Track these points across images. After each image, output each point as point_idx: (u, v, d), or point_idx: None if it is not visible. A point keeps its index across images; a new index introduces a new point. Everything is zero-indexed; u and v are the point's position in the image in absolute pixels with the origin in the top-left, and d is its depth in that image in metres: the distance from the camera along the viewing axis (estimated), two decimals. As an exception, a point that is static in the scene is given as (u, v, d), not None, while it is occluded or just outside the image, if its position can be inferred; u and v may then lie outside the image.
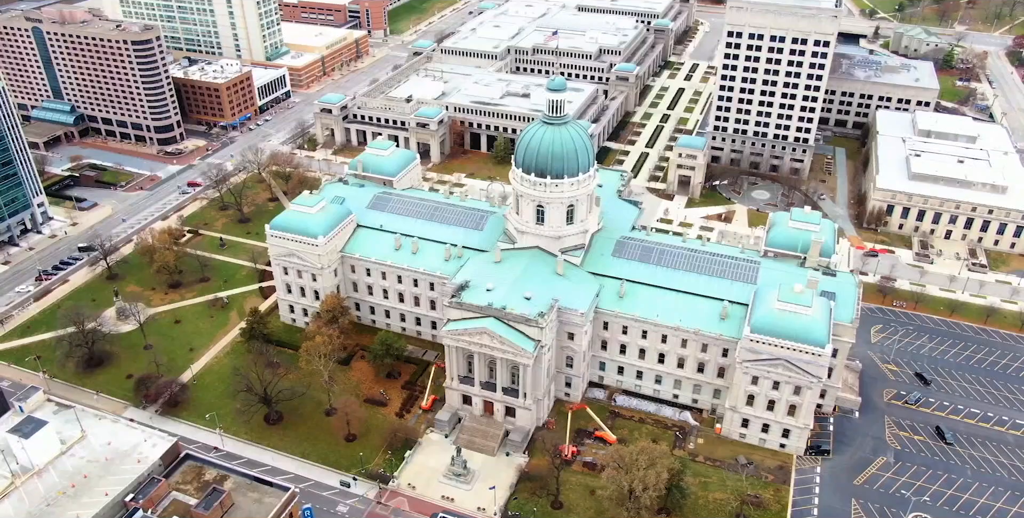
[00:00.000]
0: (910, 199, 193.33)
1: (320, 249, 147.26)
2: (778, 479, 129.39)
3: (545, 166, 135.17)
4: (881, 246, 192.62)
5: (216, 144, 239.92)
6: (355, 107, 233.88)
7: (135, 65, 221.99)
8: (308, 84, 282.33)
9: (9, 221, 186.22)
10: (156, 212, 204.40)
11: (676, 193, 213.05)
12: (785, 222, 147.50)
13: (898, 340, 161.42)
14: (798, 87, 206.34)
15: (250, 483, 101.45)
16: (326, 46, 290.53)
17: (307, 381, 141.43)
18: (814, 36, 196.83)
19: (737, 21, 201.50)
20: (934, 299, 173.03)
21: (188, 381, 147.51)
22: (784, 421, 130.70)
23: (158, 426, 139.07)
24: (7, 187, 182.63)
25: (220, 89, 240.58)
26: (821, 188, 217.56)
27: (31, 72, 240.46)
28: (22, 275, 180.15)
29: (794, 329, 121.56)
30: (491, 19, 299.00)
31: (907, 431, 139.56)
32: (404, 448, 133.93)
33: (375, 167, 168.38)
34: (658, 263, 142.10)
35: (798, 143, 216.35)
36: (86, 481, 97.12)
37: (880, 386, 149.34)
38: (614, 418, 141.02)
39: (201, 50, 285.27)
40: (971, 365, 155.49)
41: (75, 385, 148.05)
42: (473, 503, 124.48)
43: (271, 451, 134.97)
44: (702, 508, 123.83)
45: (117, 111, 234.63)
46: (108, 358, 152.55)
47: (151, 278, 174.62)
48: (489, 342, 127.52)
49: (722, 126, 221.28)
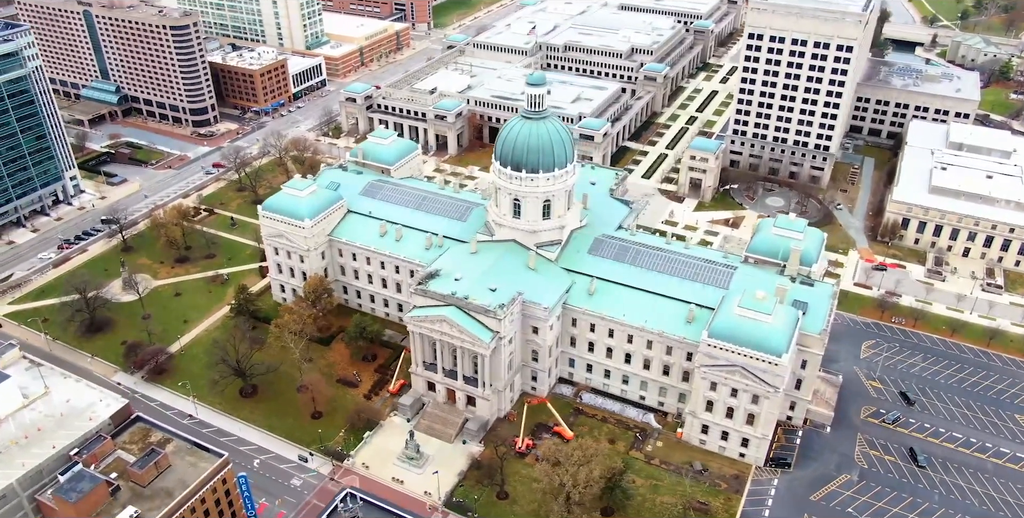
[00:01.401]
0: (927, 213, 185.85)
1: (306, 232, 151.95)
2: (732, 488, 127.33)
3: (521, 160, 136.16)
4: (892, 260, 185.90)
5: (247, 128, 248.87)
6: (380, 97, 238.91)
7: (173, 49, 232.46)
8: (345, 74, 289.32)
9: (41, 191, 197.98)
10: (179, 190, 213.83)
11: (687, 195, 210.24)
12: (769, 228, 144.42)
13: (889, 357, 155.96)
14: (819, 93, 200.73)
15: (190, 448, 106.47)
16: (365, 37, 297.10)
17: (282, 358, 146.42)
18: (837, 40, 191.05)
19: (758, 23, 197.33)
20: (937, 318, 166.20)
21: (176, 351, 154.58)
22: (743, 430, 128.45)
23: (142, 391, 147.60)
24: (40, 160, 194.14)
25: (254, 75, 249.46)
26: (840, 198, 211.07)
27: (82, 53, 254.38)
28: (47, 243, 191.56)
29: (752, 336, 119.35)
30: (528, 15, 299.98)
31: (878, 450, 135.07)
32: (366, 429, 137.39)
33: (374, 155, 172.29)
34: (632, 263, 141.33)
35: (818, 150, 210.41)
36: (39, 434, 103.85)
37: (859, 402, 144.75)
38: (577, 415, 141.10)
39: (246, 38, 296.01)
40: (963, 388, 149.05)
41: (74, 348, 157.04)
42: (421, 487, 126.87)
43: (240, 422, 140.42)
44: (647, 511, 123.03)
45: (156, 92, 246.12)
46: (107, 324, 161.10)
47: (161, 252, 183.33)
48: (449, 330, 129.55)
49: (741, 130, 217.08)
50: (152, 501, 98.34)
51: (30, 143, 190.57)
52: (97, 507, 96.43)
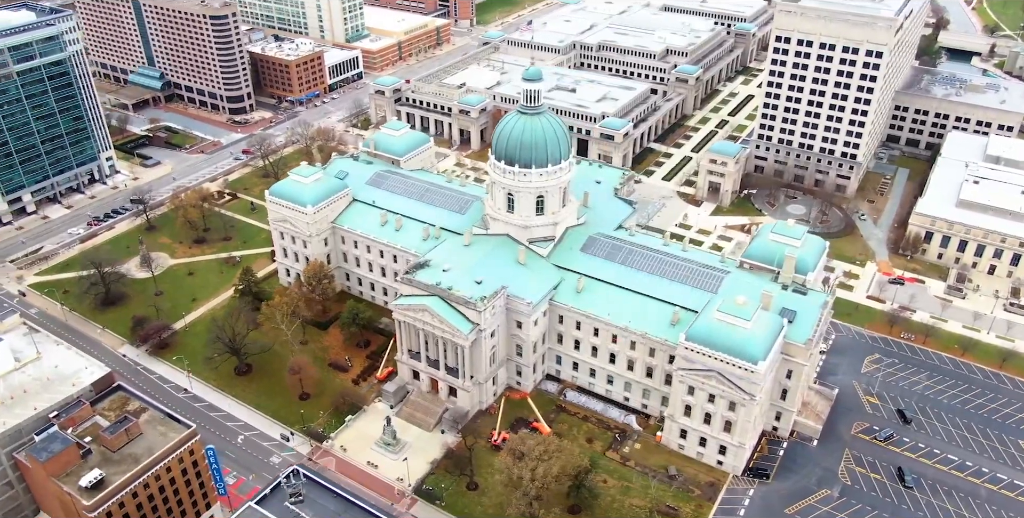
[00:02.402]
0: (951, 227, 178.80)
1: (308, 217, 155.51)
2: (705, 495, 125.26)
3: (514, 155, 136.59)
4: (911, 274, 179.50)
5: (281, 117, 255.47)
6: (408, 91, 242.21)
7: (212, 38, 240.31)
8: (382, 67, 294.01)
9: (77, 170, 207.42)
10: (207, 174, 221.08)
11: (705, 199, 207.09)
12: (767, 234, 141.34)
13: (891, 373, 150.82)
14: (847, 99, 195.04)
15: (163, 418, 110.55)
16: (404, 32, 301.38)
17: (277, 339, 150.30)
18: (866, 46, 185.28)
19: (785, 25, 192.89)
20: (949, 335, 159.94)
21: (180, 328, 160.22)
22: (720, 437, 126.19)
23: (144, 363, 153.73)
24: (77, 140, 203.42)
25: (290, 65, 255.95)
26: (866, 208, 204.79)
27: (130, 40, 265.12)
28: (78, 219, 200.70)
29: (729, 341, 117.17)
30: (567, 14, 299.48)
31: (864, 468, 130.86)
32: (349, 412, 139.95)
33: (385, 146, 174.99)
34: (623, 263, 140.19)
35: (845, 159, 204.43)
36: (24, 395, 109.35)
37: (852, 418, 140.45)
38: (559, 413, 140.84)
39: (290, 29, 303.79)
40: (966, 409, 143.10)
41: (87, 319, 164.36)
42: (395, 472, 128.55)
43: (231, 399, 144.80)
44: (615, 512, 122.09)
45: (196, 79, 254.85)
46: (121, 299, 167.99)
47: (180, 232, 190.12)
48: (430, 320, 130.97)
49: (766, 135, 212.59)
50: (119, 466, 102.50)
51: (68, 123, 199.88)
52: (67, 467, 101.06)
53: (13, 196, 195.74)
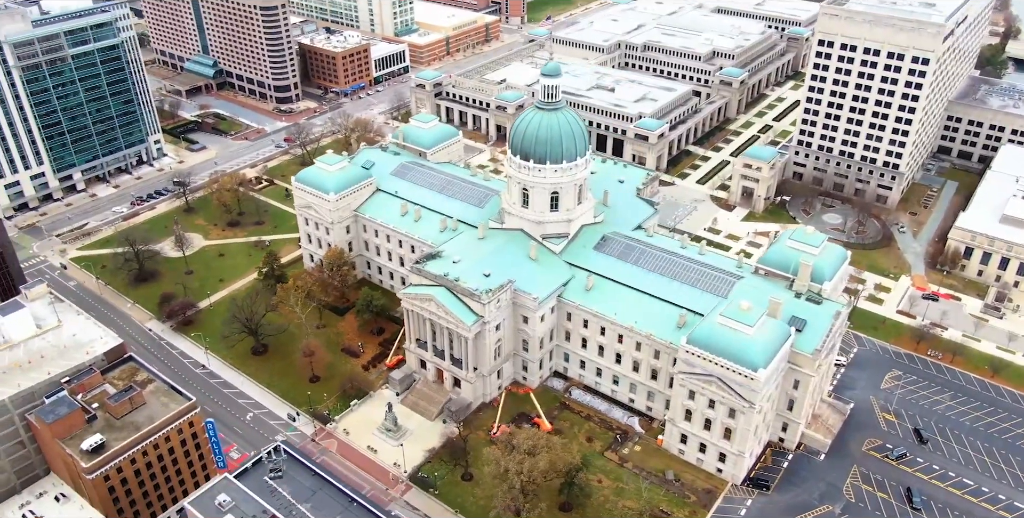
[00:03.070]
0: (992, 243, 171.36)
1: (330, 205, 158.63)
2: (700, 502, 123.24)
3: (530, 150, 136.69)
4: (946, 291, 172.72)
5: (325, 107, 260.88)
6: (449, 85, 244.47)
7: (262, 28, 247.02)
8: (429, 62, 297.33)
9: (126, 151, 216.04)
10: (248, 160, 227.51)
11: (738, 204, 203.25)
12: (785, 240, 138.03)
13: (913, 391, 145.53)
14: (891, 107, 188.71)
15: (167, 390, 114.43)
16: (453, 27, 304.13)
17: (292, 321, 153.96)
18: (912, 52, 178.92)
19: (829, 29, 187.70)
20: (980, 355, 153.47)
21: (205, 307, 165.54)
22: (719, 444, 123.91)
23: (168, 339, 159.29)
24: (126, 122, 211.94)
25: (336, 57, 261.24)
26: (907, 220, 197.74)
27: (187, 29, 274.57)
28: (123, 198, 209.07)
29: (730, 346, 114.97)
30: (616, 14, 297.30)
31: (871, 486, 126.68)
32: (355, 397, 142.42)
33: (414, 138, 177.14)
34: (635, 263, 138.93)
35: (887, 168, 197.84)
36: (42, 360, 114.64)
37: (865, 434, 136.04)
38: (562, 410, 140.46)
39: (342, 22, 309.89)
40: (989, 433, 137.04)
41: (120, 293, 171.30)
42: (393, 458, 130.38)
43: (244, 377, 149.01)
44: (607, 512, 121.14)
45: (246, 68, 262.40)
46: (153, 276, 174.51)
47: (216, 215, 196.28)
48: (435, 310, 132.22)
49: (806, 141, 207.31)
50: (121, 432, 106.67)
51: (118, 106, 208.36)
52: (72, 431, 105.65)
53: (64, 174, 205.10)
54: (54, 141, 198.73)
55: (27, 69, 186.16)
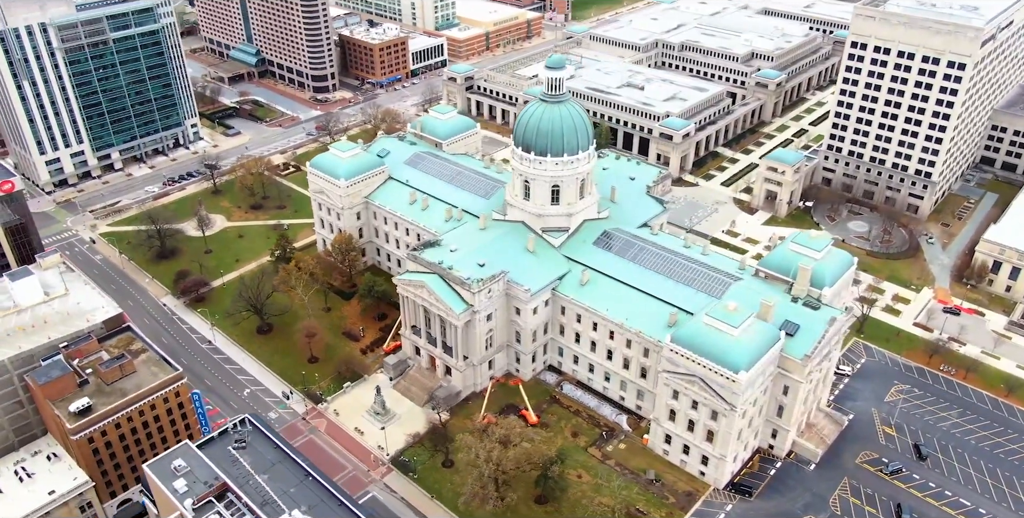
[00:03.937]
0: (1022, 258, 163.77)
1: (341, 191, 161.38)
2: (678, 504, 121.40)
3: (531, 141, 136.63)
4: (970, 305, 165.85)
5: (360, 98, 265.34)
6: (480, 79, 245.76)
7: (301, 19, 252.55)
8: (468, 56, 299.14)
9: (163, 133, 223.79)
10: (279, 147, 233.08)
11: (760, 208, 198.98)
12: (788, 243, 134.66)
13: (917, 405, 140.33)
14: (924, 113, 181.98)
15: (158, 360, 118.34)
16: (494, 23, 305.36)
17: (298, 302, 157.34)
18: (948, 56, 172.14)
19: (862, 31, 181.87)
20: (996, 373, 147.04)
21: (218, 285, 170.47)
22: (702, 446, 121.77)
23: (179, 314, 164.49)
24: (164, 105, 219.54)
25: (373, 49, 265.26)
26: (937, 231, 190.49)
27: (233, 19, 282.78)
28: (157, 179, 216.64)
29: (712, 347, 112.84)
30: (658, 13, 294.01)
31: (860, 500, 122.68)
32: (349, 379, 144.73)
33: (431, 129, 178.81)
34: (633, 260, 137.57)
35: (919, 177, 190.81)
36: (45, 325, 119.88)
37: (860, 446, 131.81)
38: (552, 403, 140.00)
39: (385, 15, 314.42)
40: (995, 453, 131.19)
41: (141, 268, 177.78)
42: (376, 441, 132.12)
43: (247, 354, 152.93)
44: (582, 508, 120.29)
45: (287, 58, 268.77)
46: (174, 253, 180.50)
47: (240, 197, 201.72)
48: (427, 296, 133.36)
49: (836, 147, 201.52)
50: (109, 397, 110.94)
51: (157, 90, 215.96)
52: (64, 393, 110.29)
53: (103, 153, 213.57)
54: (93, 121, 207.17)
55: (70, 51, 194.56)
